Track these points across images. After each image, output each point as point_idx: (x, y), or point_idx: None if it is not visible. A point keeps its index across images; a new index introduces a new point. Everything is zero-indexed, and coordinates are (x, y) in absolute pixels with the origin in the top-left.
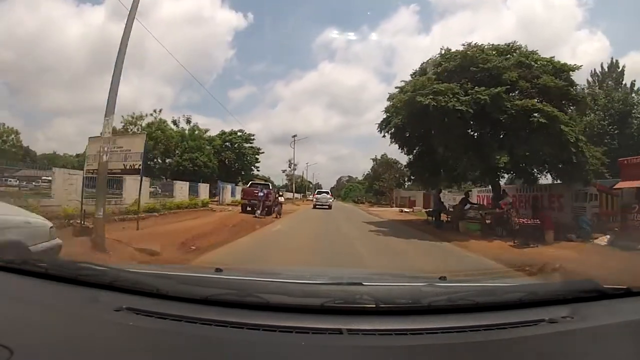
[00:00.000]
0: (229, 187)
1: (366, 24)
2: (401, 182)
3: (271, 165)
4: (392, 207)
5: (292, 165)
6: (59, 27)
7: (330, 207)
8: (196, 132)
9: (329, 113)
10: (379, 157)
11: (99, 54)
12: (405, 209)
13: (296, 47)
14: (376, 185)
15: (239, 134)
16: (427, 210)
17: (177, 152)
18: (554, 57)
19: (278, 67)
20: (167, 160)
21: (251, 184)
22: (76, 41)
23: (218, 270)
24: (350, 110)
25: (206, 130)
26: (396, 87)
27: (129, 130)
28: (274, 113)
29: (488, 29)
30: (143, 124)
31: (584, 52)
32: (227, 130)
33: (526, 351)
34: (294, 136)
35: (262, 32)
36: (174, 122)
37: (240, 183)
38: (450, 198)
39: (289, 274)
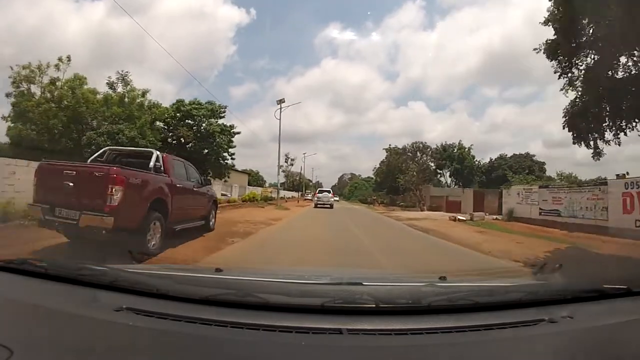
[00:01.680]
0: None
1: (369, 20)
2: (424, 178)
3: (273, 165)
4: (422, 210)
5: (280, 152)
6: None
7: (331, 206)
8: (132, 93)
9: (330, 111)
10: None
11: (98, 50)
12: (460, 216)
13: (298, 44)
14: (400, 180)
15: (204, 104)
16: None
17: (92, 122)
18: None
19: (279, 65)
20: (85, 135)
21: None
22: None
23: (218, 270)
24: (352, 108)
25: (144, 93)
26: None
27: (23, 89)
28: (275, 111)
29: (494, 26)
30: (45, 80)
31: None
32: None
33: (526, 351)
34: (280, 101)
35: (263, 28)
36: (110, 85)
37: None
38: (577, 200)
39: (289, 274)
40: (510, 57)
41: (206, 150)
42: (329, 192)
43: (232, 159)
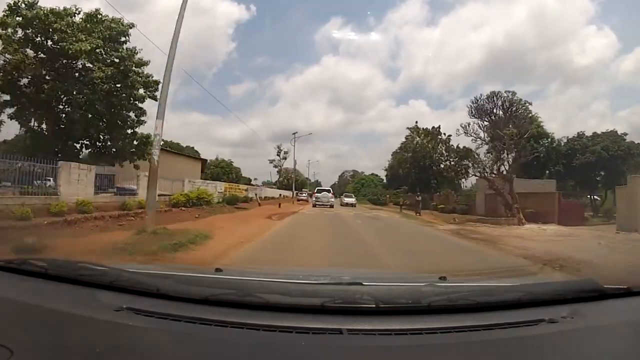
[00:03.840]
0: None
1: (370, 16)
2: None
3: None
4: (522, 223)
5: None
6: None
7: (332, 206)
8: None
9: (329, 109)
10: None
11: None
12: None
13: (297, 40)
14: (462, 170)
15: (77, 13)
16: None
17: None
18: None
19: (278, 62)
20: None
21: None
22: None
23: (218, 270)
24: (352, 106)
25: None
26: None
27: None
28: (274, 110)
29: (497, 22)
30: None
31: (591, 48)
32: None
33: (526, 351)
34: None
35: (262, 24)
36: None
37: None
38: None
39: (289, 274)
40: (513, 55)
41: (82, 98)
42: (328, 191)
43: (139, 120)
